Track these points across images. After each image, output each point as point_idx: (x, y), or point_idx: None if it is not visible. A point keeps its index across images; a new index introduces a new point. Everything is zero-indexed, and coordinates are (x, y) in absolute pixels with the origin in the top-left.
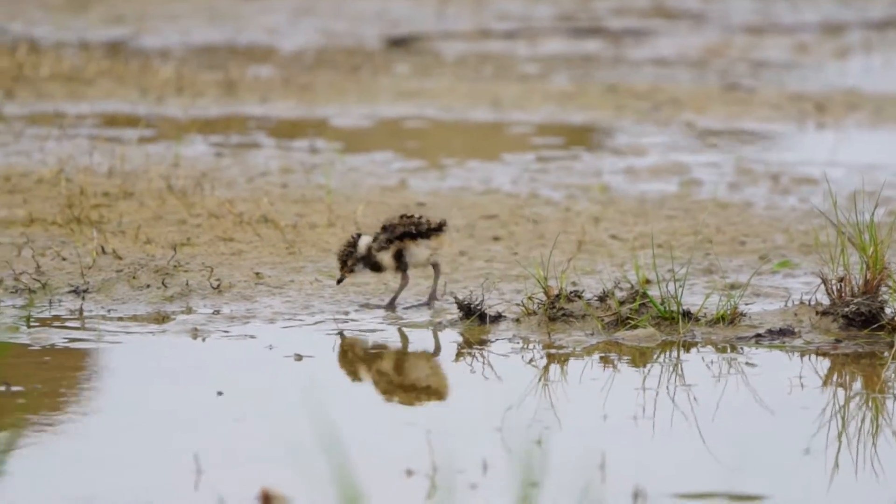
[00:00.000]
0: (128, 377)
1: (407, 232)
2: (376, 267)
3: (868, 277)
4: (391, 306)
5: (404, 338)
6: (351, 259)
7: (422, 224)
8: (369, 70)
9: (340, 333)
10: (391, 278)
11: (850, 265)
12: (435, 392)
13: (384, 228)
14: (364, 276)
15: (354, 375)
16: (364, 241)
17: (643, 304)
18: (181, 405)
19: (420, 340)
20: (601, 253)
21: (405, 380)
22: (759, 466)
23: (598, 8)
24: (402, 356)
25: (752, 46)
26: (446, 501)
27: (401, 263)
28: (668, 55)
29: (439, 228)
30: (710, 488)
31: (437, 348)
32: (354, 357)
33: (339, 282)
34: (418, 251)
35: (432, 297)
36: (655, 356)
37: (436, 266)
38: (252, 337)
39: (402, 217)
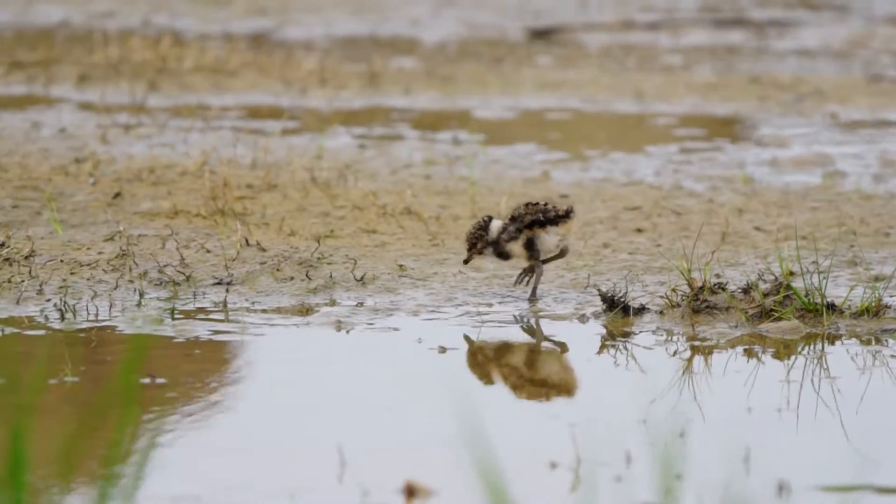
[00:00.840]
0: (272, 369)
1: (536, 220)
2: (503, 255)
3: None
4: (533, 297)
5: (547, 329)
6: (481, 242)
7: (549, 211)
8: (512, 62)
9: (484, 325)
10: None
11: None
12: (578, 384)
13: (513, 219)
14: (487, 261)
15: (497, 367)
16: (496, 225)
17: (787, 296)
18: (325, 397)
19: (563, 332)
20: (745, 244)
21: (548, 372)
22: None
23: None
24: (544, 348)
25: None
26: (590, 494)
27: (532, 252)
28: (811, 46)
29: (566, 215)
30: (854, 481)
31: (581, 340)
32: (497, 349)
33: (466, 262)
34: (548, 238)
35: (541, 262)
36: (799, 348)
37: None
38: (396, 329)
39: (527, 205)
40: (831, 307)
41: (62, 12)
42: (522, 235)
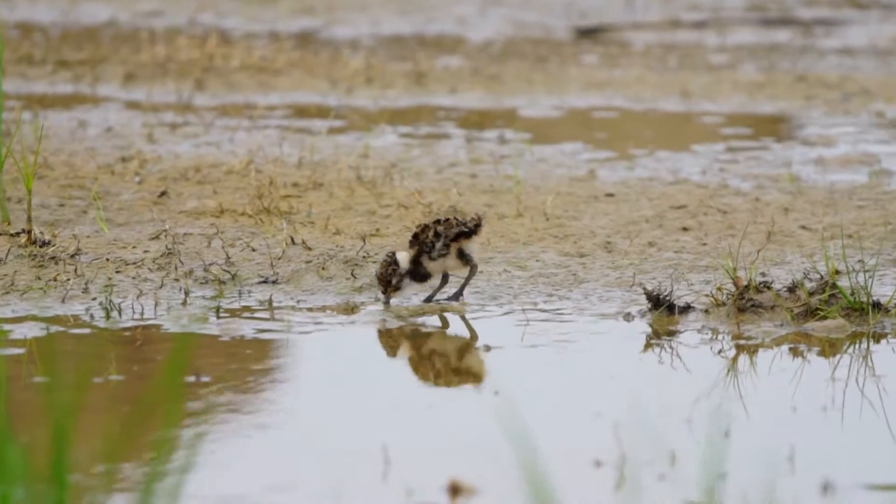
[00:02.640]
0: (317, 368)
1: (461, 232)
2: (423, 277)
3: None
4: (460, 295)
5: (592, 328)
6: (396, 277)
7: (467, 223)
8: (558, 60)
9: (528, 324)
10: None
11: None
12: (623, 383)
13: (416, 238)
14: (410, 290)
15: (542, 365)
16: (402, 257)
17: (833, 294)
18: (369, 395)
19: (608, 330)
20: (790, 243)
21: (591, 370)
22: None
23: None
24: (590, 346)
25: None
26: (635, 492)
27: (466, 258)
28: (858, 45)
29: (479, 226)
30: None
31: (626, 339)
32: (542, 347)
33: (386, 302)
34: (473, 246)
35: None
36: (845, 347)
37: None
38: (441, 328)
39: (437, 222)
40: (877, 306)
41: (109, 11)
42: (452, 249)
